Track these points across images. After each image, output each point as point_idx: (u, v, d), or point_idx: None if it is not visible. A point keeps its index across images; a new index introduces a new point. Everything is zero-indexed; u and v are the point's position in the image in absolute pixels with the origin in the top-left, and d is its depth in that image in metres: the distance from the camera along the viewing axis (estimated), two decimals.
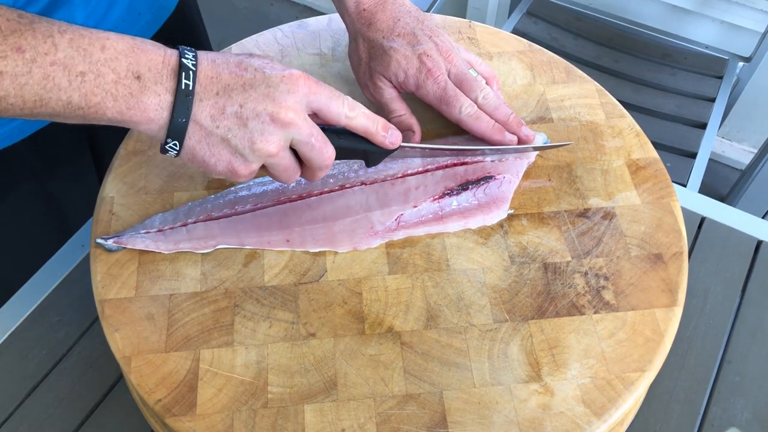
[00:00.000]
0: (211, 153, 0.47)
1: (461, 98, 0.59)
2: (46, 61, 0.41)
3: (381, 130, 0.52)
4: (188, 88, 0.45)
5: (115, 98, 0.43)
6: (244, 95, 0.46)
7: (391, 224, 0.57)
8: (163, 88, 0.45)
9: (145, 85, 0.44)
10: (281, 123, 0.47)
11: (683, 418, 0.60)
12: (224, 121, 0.46)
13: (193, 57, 0.46)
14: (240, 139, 0.46)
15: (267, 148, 0.47)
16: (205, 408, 0.48)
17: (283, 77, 0.47)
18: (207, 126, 0.46)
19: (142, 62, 0.44)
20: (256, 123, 0.46)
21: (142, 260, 0.55)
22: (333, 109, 0.49)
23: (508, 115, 0.60)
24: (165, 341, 0.51)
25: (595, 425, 0.47)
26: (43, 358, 0.62)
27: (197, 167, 0.49)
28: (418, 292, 0.54)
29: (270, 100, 0.46)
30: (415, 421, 0.47)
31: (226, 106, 0.46)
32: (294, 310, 0.53)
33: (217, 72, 0.46)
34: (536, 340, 0.51)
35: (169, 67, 0.45)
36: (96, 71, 0.43)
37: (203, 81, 0.46)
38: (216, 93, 0.46)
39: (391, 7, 0.61)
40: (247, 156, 0.47)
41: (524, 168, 0.61)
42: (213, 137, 0.46)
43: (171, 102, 0.45)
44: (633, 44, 1.46)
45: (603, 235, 0.57)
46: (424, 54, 0.58)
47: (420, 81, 0.59)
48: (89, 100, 0.43)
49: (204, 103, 0.45)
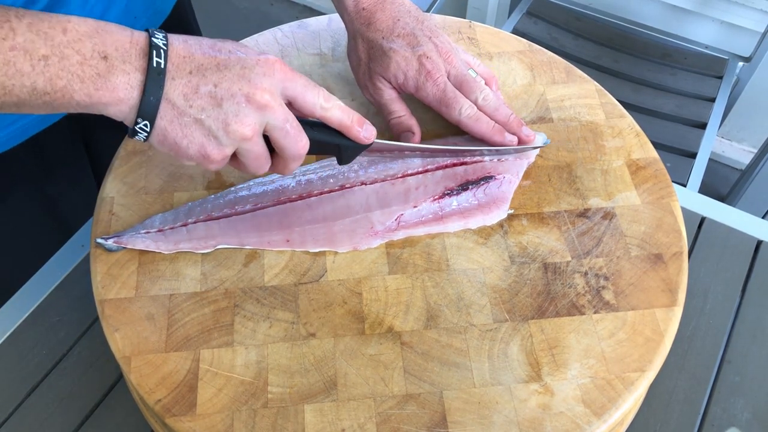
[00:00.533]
0: (183, 134, 0.45)
1: (461, 100, 0.59)
2: (5, 47, 0.40)
3: (356, 124, 0.51)
4: (159, 66, 0.43)
5: (81, 80, 0.42)
6: (218, 75, 0.45)
7: (391, 224, 0.57)
8: (132, 67, 0.43)
9: (113, 64, 0.43)
10: (257, 105, 0.45)
11: (683, 418, 0.60)
12: (198, 101, 0.44)
13: (163, 37, 0.45)
14: (214, 120, 0.45)
15: (241, 130, 0.45)
16: (205, 408, 0.48)
17: (258, 60, 0.46)
18: (180, 105, 0.44)
19: (108, 42, 0.43)
20: (230, 104, 0.45)
21: (142, 260, 0.55)
22: (308, 98, 0.48)
23: (508, 115, 0.60)
24: (165, 341, 0.51)
25: (595, 425, 0.47)
26: (43, 358, 0.62)
27: (168, 151, 0.46)
28: (418, 292, 0.54)
29: (246, 81, 0.45)
30: (415, 421, 0.47)
31: (199, 85, 0.44)
32: (294, 310, 0.53)
33: (189, 52, 0.45)
34: (536, 340, 0.51)
35: (137, 46, 0.43)
36: (60, 54, 0.41)
37: (175, 60, 0.44)
38: (189, 72, 0.44)
39: (390, 7, 0.60)
40: (220, 138, 0.46)
41: (524, 168, 0.61)
42: (185, 117, 0.45)
43: (141, 80, 0.43)
44: (633, 44, 1.46)
45: (603, 235, 0.57)
46: (423, 55, 0.58)
47: (419, 83, 0.59)
48: (54, 84, 0.42)
49: (176, 81, 0.44)
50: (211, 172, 0.61)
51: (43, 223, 0.75)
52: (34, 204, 0.74)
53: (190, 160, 0.47)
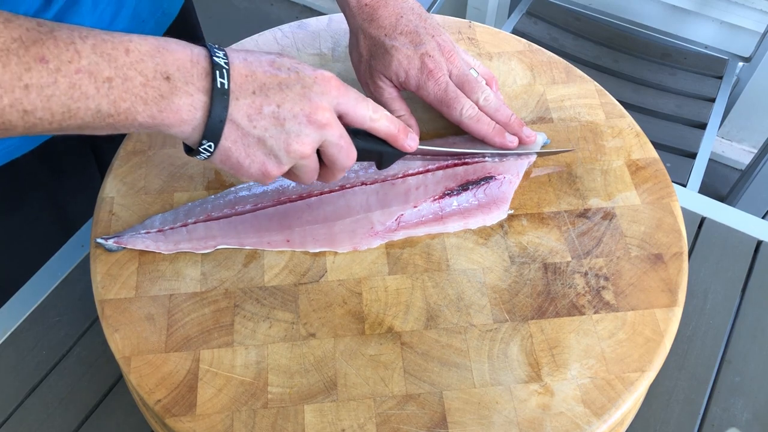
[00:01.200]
0: (246, 154, 0.46)
1: (462, 100, 0.59)
2: (71, 70, 0.40)
3: (401, 133, 0.52)
4: (223, 87, 0.43)
5: (145, 102, 0.42)
6: (281, 95, 0.45)
7: (392, 224, 0.57)
8: (194, 88, 0.43)
9: (176, 85, 0.42)
10: (318, 124, 0.46)
11: (683, 418, 0.60)
12: (261, 121, 0.45)
13: (224, 55, 0.45)
14: (276, 140, 0.45)
15: (302, 149, 0.46)
16: (205, 408, 0.48)
17: (315, 78, 0.46)
18: (244, 126, 0.45)
19: (169, 62, 0.43)
20: (293, 124, 0.45)
21: (142, 260, 0.55)
22: (359, 111, 0.49)
23: (509, 116, 0.60)
24: (165, 341, 0.51)
25: (595, 425, 0.47)
26: (43, 358, 0.62)
27: (228, 169, 0.47)
28: (418, 292, 0.54)
29: (306, 100, 0.46)
30: (415, 422, 0.47)
31: (263, 106, 0.45)
32: (294, 311, 0.53)
33: (250, 70, 0.45)
34: (536, 340, 0.51)
35: (199, 65, 0.43)
36: (123, 75, 0.41)
37: (237, 79, 0.44)
38: (252, 92, 0.45)
39: (393, 3, 0.60)
40: (281, 158, 0.46)
41: (524, 168, 0.61)
42: (249, 138, 0.45)
43: (205, 102, 0.43)
44: (633, 44, 1.46)
45: (603, 236, 0.57)
46: (426, 54, 0.58)
47: (421, 81, 0.58)
48: (118, 107, 0.41)
49: (240, 102, 0.44)
50: (211, 172, 0.61)
51: (52, 229, 0.76)
52: (44, 211, 0.74)
53: (250, 178, 0.48)
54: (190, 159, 0.62)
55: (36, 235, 0.74)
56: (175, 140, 0.63)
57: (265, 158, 0.46)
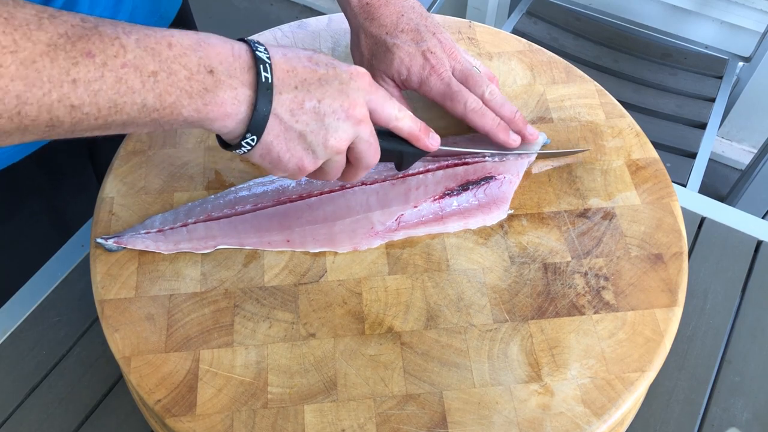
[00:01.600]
0: (287, 148, 0.46)
1: (466, 93, 0.58)
2: (117, 64, 0.40)
3: (423, 133, 0.52)
4: (267, 81, 0.44)
5: (189, 95, 0.42)
6: (321, 90, 0.46)
7: (392, 224, 0.57)
8: (238, 82, 0.43)
9: (219, 79, 0.43)
10: (355, 120, 0.47)
11: (683, 418, 0.60)
12: (303, 116, 0.45)
13: (264, 50, 0.45)
14: (316, 135, 0.46)
15: (339, 145, 0.47)
16: (205, 408, 0.48)
17: (351, 74, 0.47)
18: (286, 120, 0.45)
19: (212, 56, 0.43)
20: (332, 119, 0.46)
21: (142, 260, 0.55)
22: (387, 109, 0.49)
23: (513, 112, 0.60)
24: (165, 341, 0.51)
25: (595, 425, 0.47)
26: (43, 358, 0.62)
27: (266, 164, 0.47)
28: (418, 292, 0.54)
29: (345, 96, 0.46)
30: (415, 422, 0.47)
31: (305, 101, 0.45)
32: (294, 311, 0.53)
33: (291, 65, 0.45)
34: (536, 340, 0.51)
35: (240, 59, 0.44)
36: (167, 69, 0.41)
37: (279, 74, 0.45)
38: (294, 87, 0.45)
39: (394, 1, 0.60)
40: (318, 152, 0.47)
41: (525, 168, 0.61)
42: (291, 132, 0.46)
43: (249, 95, 0.44)
44: (633, 44, 1.46)
45: (603, 236, 0.57)
46: (427, 50, 0.58)
47: (423, 78, 0.58)
48: (164, 100, 0.42)
49: (284, 96, 0.45)
50: (211, 172, 0.61)
51: (50, 232, 0.76)
52: (43, 215, 0.74)
53: (285, 172, 0.48)
54: (190, 159, 0.62)
55: (34, 238, 0.74)
56: (175, 140, 0.63)
57: (303, 153, 0.47)
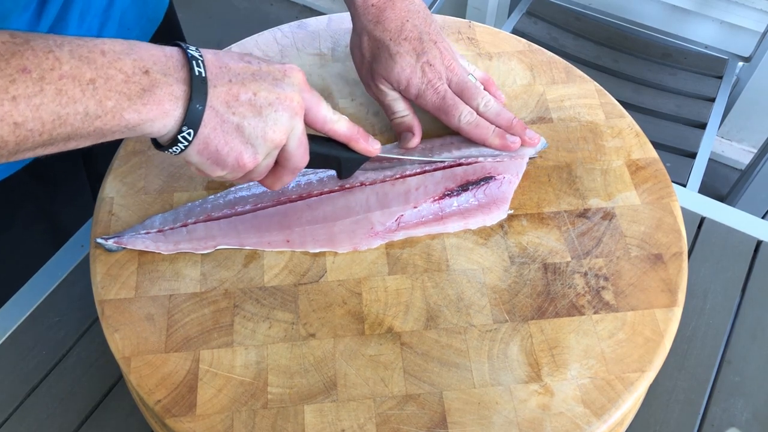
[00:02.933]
0: (225, 141, 0.46)
1: (460, 107, 0.59)
2: (54, 76, 0.40)
3: (362, 137, 0.53)
4: (201, 75, 0.44)
5: (129, 97, 0.43)
6: (256, 84, 0.46)
7: (392, 225, 0.57)
8: (173, 79, 0.44)
9: (155, 78, 0.43)
10: (292, 112, 0.47)
11: (683, 418, 0.60)
12: (239, 108, 0.46)
13: (196, 49, 0.46)
14: (254, 128, 0.46)
15: (278, 137, 0.47)
16: (205, 408, 0.48)
17: (285, 70, 0.48)
18: (222, 112, 0.45)
19: (145, 57, 0.44)
20: (269, 111, 0.46)
21: (142, 261, 0.55)
22: (321, 111, 0.50)
23: (510, 120, 0.60)
24: (165, 342, 0.51)
25: (595, 425, 0.47)
26: (42, 358, 0.62)
27: (205, 160, 0.47)
28: (417, 292, 0.54)
29: (280, 89, 0.47)
30: (415, 422, 0.47)
31: (240, 93, 0.46)
32: (294, 311, 0.53)
33: (223, 62, 0.46)
34: (536, 340, 0.51)
35: (173, 58, 0.45)
36: (104, 75, 0.42)
37: (213, 69, 0.45)
38: (229, 80, 0.46)
39: (400, 5, 0.60)
40: (257, 146, 0.47)
41: (524, 168, 0.61)
42: (228, 124, 0.46)
43: (185, 90, 0.44)
44: (633, 44, 1.46)
45: (603, 236, 0.57)
46: (427, 63, 0.58)
47: (421, 91, 0.59)
48: (105, 106, 0.42)
49: (218, 89, 0.45)
50: None
51: (45, 239, 0.76)
52: (39, 226, 0.74)
53: (225, 169, 0.48)
54: None
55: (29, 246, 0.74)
56: None
57: (242, 147, 0.47)
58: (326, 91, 0.67)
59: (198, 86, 0.44)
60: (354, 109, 0.66)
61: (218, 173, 0.48)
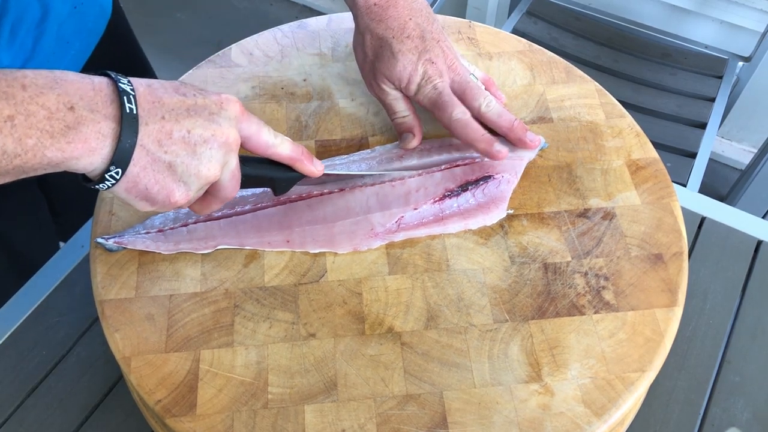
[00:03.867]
0: (155, 180, 0.44)
1: (454, 104, 0.58)
2: None
3: (306, 158, 0.51)
4: (132, 112, 0.42)
5: (51, 135, 0.40)
6: (190, 120, 0.44)
7: (392, 226, 0.57)
8: (101, 115, 0.41)
9: (81, 114, 0.41)
10: (227, 148, 0.46)
11: (683, 418, 0.60)
12: (172, 146, 0.44)
13: (128, 82, 0.43)
14: (187, 166, 0.44)
15: (211, 174, 0.45)
16: (205, 408, 0.48)
17: (221, 102, 0.46)
18: (154, 151, 0.43)
19: (70, 92, 0.41)
20: (204, 149, 0.44)
21: (142, 261, 0.55)
22: (263, 136, 0.48)
23: (511, 121, 0.60)
24: (165, 342, 0.51)
25: (595, 425, 0.47)
26: (42, 358, 0.62)
27: (133, 197, 0.45)
28: (418, 292, 0.54)
29: (216, 125, 0.45)
30: (415, 422, 0.47)
31: (173, 131, 0.44)
32: (294, 311, 0.53)
33: (157, 96, 0.44)
34: (536, 340, 0.51)
35: (102, 93, 0.42)
36: (25, 111, 0.39)
37: (145, 105, 0.43)
38: (162, 117, 0.44)
39: (403, 3, 0.59)
40: (190, 184, 0.45)
41: (523, 168, 0.61)
42: (159, 163, 0.44)
43: (114, 128, 0.42)
44: (633, 44, 1.46)
45: (603, 236, 0.57)
46: (428, 61, 0.58)
47: (420, 86, 0.59)
48: (24, 144, 0.39)
49: (150, 127, 0.43)
50: None
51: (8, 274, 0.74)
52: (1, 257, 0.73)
53: (154, 206, 0.46)
54: None
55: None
56: None
57: (174, 185, 0.45)
58: (326, 91, 0.67)
59: (128, 124, 0.42)
60: (354, 109, 0.66)
61: (147, 209, 0.47)
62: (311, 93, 0.67)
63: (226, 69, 0.69)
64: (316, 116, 0.65)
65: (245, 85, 0.67)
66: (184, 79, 0.67)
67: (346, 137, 0.64)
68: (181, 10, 2.13)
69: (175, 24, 2.16)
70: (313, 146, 0.63)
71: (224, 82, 0.67)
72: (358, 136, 0.64)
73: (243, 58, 0.70)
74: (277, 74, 0.68)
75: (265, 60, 0.70)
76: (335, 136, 0.64)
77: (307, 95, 0.67)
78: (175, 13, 2.17)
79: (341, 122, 0.65)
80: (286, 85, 0.68)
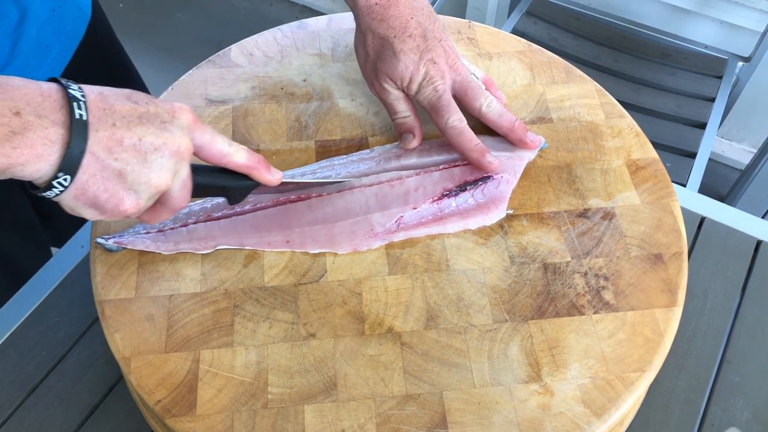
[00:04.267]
0: (105, 188, 0.43)
1: (452, 111, 0.58)
2: None
3: (263, 165, 0.51)
4: (82, 119, 0.41)
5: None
6: (142, 128, 0.44)
7: (391, 226, 0.57)
8: (48, 121, 0.41)
9: (27, 120, 0.40)
10: (179, 157, 0.45)
11: (683, 418, 0.60)
12: (122, 154, 0.43)
13: (78, 88, 0.43)
14: (137, 174, 0.44)
15: (162, 182, 0.45)
16: (205, 409, 0.48)
17: (174, 111, 0.46)
18: (104, 158, 0.42)
19: (17, 97, 0.40)
20: (155, 156, 0.44)
21: (142, 261, 0.55)
22: (216, 146, 0.48)
23: (512, 122, 0.60)
24: (165, 342, 0.51)
25: (595, 425, 0.47)
26: (42, 358, 0.62)
27: (80, 205, 0.44)
28: (418, 292, 0.54)
29: (168, 133, 0.44)
30: (415, 422, 0.47)
31: (124, 138, 0.43)
32: (294, 311, 0.53)
33: (108, 103, 0.43)
34: (536, 340, 0.51)
35: (50, 98, 0.41)
36: None
37: (96, 112, 0.42)
38: (113, 124, 0.43)
39: (404, 2, 0.59)
40: (140, 192, 0.45)
41: (522, 168, 0.61)
42: (109, 171, 0.43)
43: (62, 134, 0.41)
44: (633, 44, 1.46)
45: (603, 236, 0.57)
46: (430, 60, 0.58)
47: (421, 86, 0.59)
48: None
49: (101, 134, 0.42)
50: None
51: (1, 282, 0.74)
52: None
53: (103, 214, 0.45)
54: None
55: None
56: None
57: (124, 193, 0.44)
58: (326, 91, 0.67)
59: (77, 130, 0.41)
60: (354, 109, 0.66)
61: (96, 218, 0.46)
62: (311, 93, 0.67)
63: (226, 69, 0.69)
64: (316, 116, 0.65)
65: (245, 86, 0.67)
66: (184, 79, 0.67)
67: (346, 137, 0.64)
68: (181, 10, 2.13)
69: (175, 24, 2.16)
70: (312, 146, 0.63)
71: (224, 82, 0.67)
72: (358, 137, 0.64)
73: (243, 59, 0.70)
74: (277, 74, 0.68)
75: (265, 60, 0.70)
76: (335, 137, 0.64)
77: (307, 95, 0.67)
78: (175, 13, 2.17)
79: (341, 122, 0.65)
80: (286, 86, 0.68)
